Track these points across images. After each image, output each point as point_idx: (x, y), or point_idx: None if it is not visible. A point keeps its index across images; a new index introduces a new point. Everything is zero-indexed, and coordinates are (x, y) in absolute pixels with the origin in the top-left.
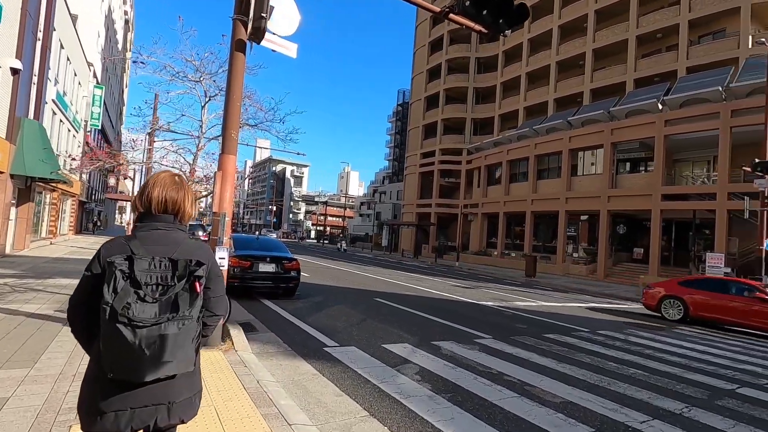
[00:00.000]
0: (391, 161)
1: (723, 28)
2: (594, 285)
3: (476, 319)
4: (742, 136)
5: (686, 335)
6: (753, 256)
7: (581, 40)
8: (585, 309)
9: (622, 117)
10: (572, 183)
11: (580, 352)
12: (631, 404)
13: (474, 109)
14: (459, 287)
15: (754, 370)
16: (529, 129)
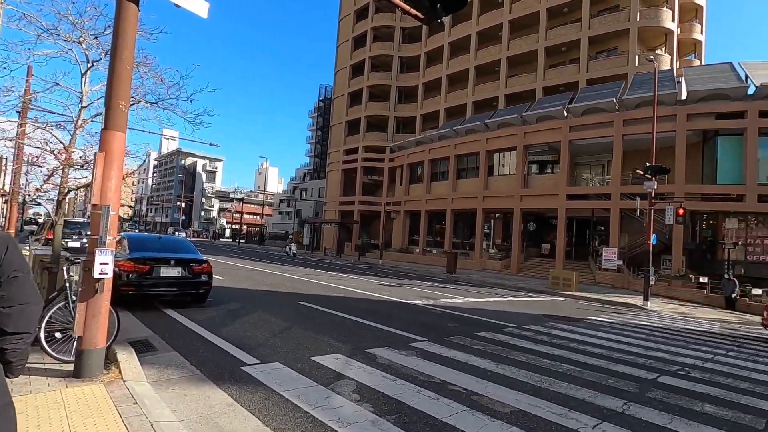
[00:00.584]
0: (312, 158)
1: (615, 47)
2: (509, 279)
3: (407, 320)
4: (633, 143)
5: (597, 325)
6: (639, 249)
7: (497, 47)
8: (505, 303)
9: (533, 122)
10: (489, 183)
11: (515, 350)
12: (577, 406)
13: (397, 108)
14: (385, 286)
15: (662, 357)
16: (449, 129)
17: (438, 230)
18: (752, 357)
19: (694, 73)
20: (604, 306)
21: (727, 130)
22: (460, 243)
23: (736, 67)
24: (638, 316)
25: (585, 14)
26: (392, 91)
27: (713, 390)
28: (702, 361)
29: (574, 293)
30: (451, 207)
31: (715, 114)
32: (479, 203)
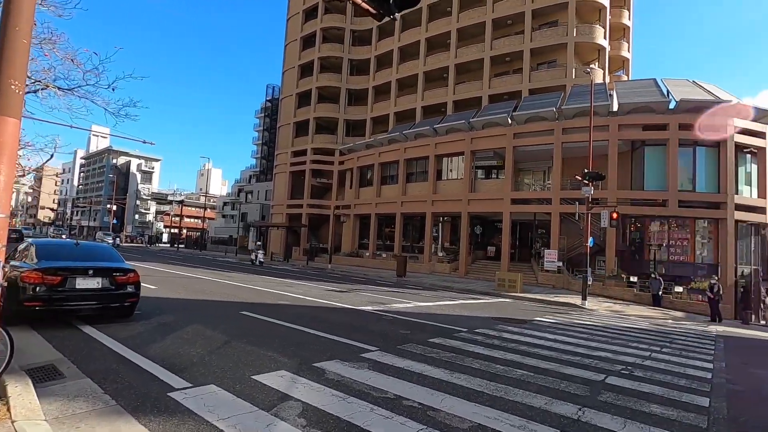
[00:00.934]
0: (259, 159)
1: (555, 60)
2: (457, 282)
3: (358, 327)
4: (571, 150)
5: (543, 326)
6: (577, 251)
7: (445, 54)
8: (455, 306)
9: (480, 128)
10: (438, 186)
11: (468, 357)
12: (534, 416)
13: (347, 110)
14: (334, 291)
15: (606, 356)
16: (399, 133)
17: (388, 234)
18: (683, 352)
19: (623, 87)
20: (547, 306)
21: (652, 141)
22: (410, 246)
23: (659, 83)
24: (579, 316)
25: (527, 27)
26: (342, 93)
27: (656, 389)
28: (642, 359)
29: (519, 294)
30: (401, 210)
31: (642, 125)
32: (428, 207)
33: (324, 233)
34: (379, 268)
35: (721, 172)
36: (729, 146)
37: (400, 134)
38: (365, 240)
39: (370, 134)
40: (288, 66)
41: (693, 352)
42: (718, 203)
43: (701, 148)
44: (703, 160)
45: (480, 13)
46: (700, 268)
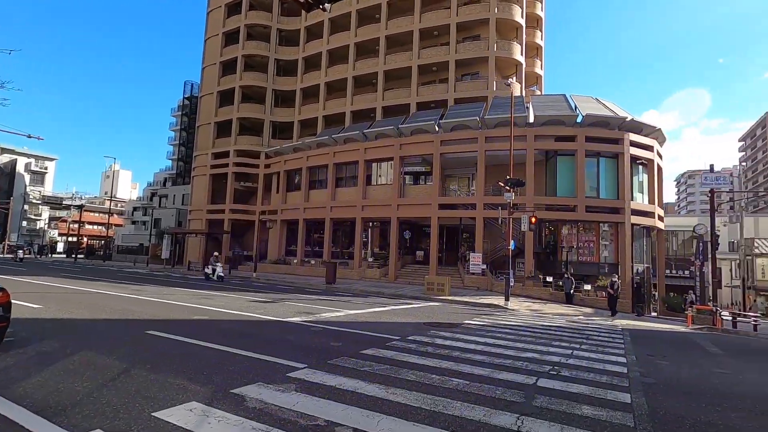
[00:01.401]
0: (175, 161)
1: (477, 72)
2: (387, 287)
3: (284, 342)
4: (493, 158)
5: (473, 329)
6: (499, 254)
7: (375, 60)
8: (386, 312)
9: (408, 134)
10: (367, 192)
11: (403, 368)
12: (475, 431)
13: (273, 112)
14: (259, 302)
15: (534, 357)
16: (328, 137)
17: (317, 240)
18: (599, 348)
19: (538, 100)
20: (474, 308)
21: (563, 151)
22: (340, 252)
23: (568, 98)
24: (504, 317)
25: (452, 39)
26: (268, 93)
27: (584, 388)
28: (565, 358)
29: (448, 297)
30: (331, 216)
31: (554, 137)
32: (358, 212)
33: (248, 240)
34: (308, 275)
35: (620, 180)
36: (625, 158)
37: (330, 138)
38: (293, 246)
39: (298, 137)
40: (209, 62)
41: (607, 347)
42: (617, 208)
43: (603, 158)
44: (605, 170)
45: (408, 22)
46: (604, 267)
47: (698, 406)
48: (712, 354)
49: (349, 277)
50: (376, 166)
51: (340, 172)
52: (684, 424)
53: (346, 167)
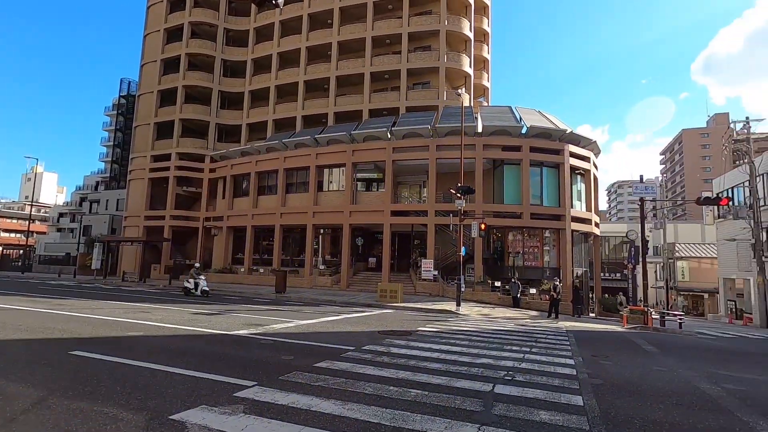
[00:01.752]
0: (109, 163)
1: (428, 81)
2: (340, 295)
3: (232, 358)
4: (444, 166)
5: (428, 336)
6: (450, 260)
7: (327, 65)
8: (340, 322)
9: (361, 140)
10: (319, 198)
11: (360, 381)
12: None
13: (220, 114)
14: (203, 315)
15: (489, 363)
16: (278, 142)
17: (266, 247)
18: (548, 350)
19: (486, 111)
20: (427, 314)
21: (510, 160)
22: (290, 260)
23: (513, 110)
24: (456, 322)
25: (404, 48)
26: (214, 95)
27: (539, 393)
28: (518, 362)
29: (400, 304)
30: (280, 222)
31: (501, 146)
32: (309, 219)
33: (192, 248)
34: (257, 284)
35: (561, 189)
36: (565, 168)
37: (280, 143)
38: (240, 255)
39: (246, 141)
40: (148, 59)
41: (555, 349)
42: (559, 216)
43: (546, 168)
44: (547, 179)
45: (360, 29)
46: (547, 271)
47: (644, 405)
48: (648, 352)
49: (299, 285)
50: (328, 172)
51: (290, 177)
52: (634, 424)
53: (296, 173)
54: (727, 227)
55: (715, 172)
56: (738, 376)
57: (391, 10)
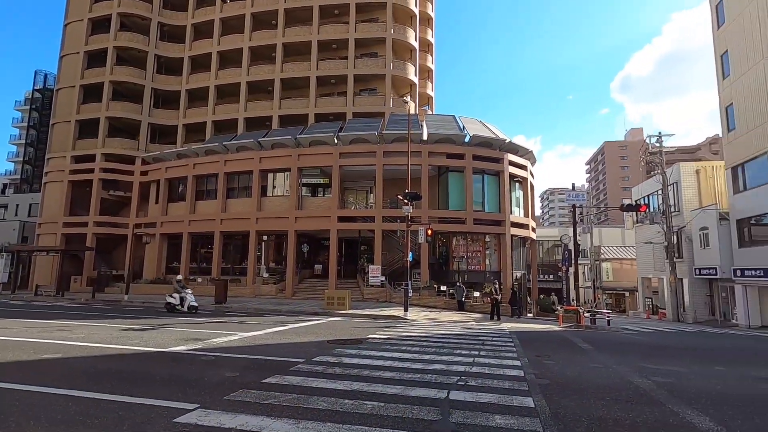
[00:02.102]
0: (20, 163)
1: (375, 88)
2: (285, 304)
3: (169, 378)
4: (391, 172)
5: (378, 343)
6: (397, 265)
7: (270, 67)
8: (287, 332)
9: (307, 145)
10: (263, 203)
11: (312, 395)
12: None
13: (153, 113)
14: (133, 330)
15: (441, 369)
16: (218, 144)
17: (204, 255)
18: (495, 353)
19: (431, 119)
20: (376, 321)
21: (454, 168)
22: (230, 268)
23: (457, 119)
24: (405, 328)
25: (351, 54)
26: (147, 92)
27: (492, 397)
28: (469, 366)
29: (348, 311)
30: (221, 229)
31: (446, 154)
32: (252, 225)
33: (119, 257)
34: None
35: (501, 196)
36: (505, 176)
37: (220, 145)
38: (175, 263)
39: (183, 142)
40: (69, 50)
41: (502, 350)
42: (499, 221)
43: (487, 175)
44: (489, 186)
45: (306, 32)
46: (489, 274)
47: (588, 402)
48: (584, 350)
49: (241, 294)
50: (272, 177)
51: (232, 182)
52: (582, 423)
53: (238, 177)
54: (644, 231)
55: (632, 181)
56: (663, 369)
57: (338, 15)
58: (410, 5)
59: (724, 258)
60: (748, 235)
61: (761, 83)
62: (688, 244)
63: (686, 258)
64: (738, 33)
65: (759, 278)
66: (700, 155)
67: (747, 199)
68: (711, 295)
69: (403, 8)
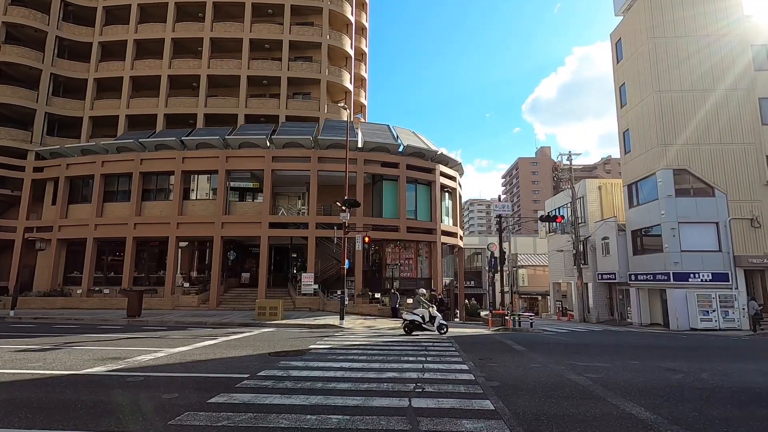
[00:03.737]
0: None
1: (309, 92)
2: (210, 315)
3: (92, 405)
4: (326, 178)
5: (323, 354)
6: (330, 273)
7: (196, 61)
8: (220, 346)
9: (236, 147)
10: (185, 207)
11: (271, 414)
12: None
13: (52, 102)
14: (32, 351)
15: (394, 377)
16: (133, 141)
17: (112, 264)
18: (442, 358)
19: (366, 127)
20: (313, 331)
21: (388, 176)
22: (145, 278)
23: (391, 128)
24: (345, 337)
25: (285, 56)
26: (45, 77)
27: (453, 402)
28: (421, 373)
29: (282, 322)
30: (134, 234)
31: (381, 162)
32: (172, 230)
33: (3, 266)
34: (100, 308)
35: (432, 205)
36: (436, 186)
37: (136, 142)
38: (76, 273)
39: (89, 137)
40: None
41: (447, 356)
42: (431, 229)
43: (420, 185)
44: (421, 195)
45: (237, 28)
46: (422, 280)
47: (540, 401)
48: (519, 351)
49: (159, 307)
50: (197, 179)
51: (148, 183)
52: (542, 421)
53: (157, 178)
54: (556, 240)
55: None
56: (591, 366)
57: (272, 15)
58: (346, 13)
59: (621, 264)
60: (640, 244)
61: (651, 113)
62: (593, 252)
63: (591, 264)
64: (633, 69)
65: (648, 281)
66: (596, 173)
67: (640, 213)
68: (610, 297)
69: (339, 15)
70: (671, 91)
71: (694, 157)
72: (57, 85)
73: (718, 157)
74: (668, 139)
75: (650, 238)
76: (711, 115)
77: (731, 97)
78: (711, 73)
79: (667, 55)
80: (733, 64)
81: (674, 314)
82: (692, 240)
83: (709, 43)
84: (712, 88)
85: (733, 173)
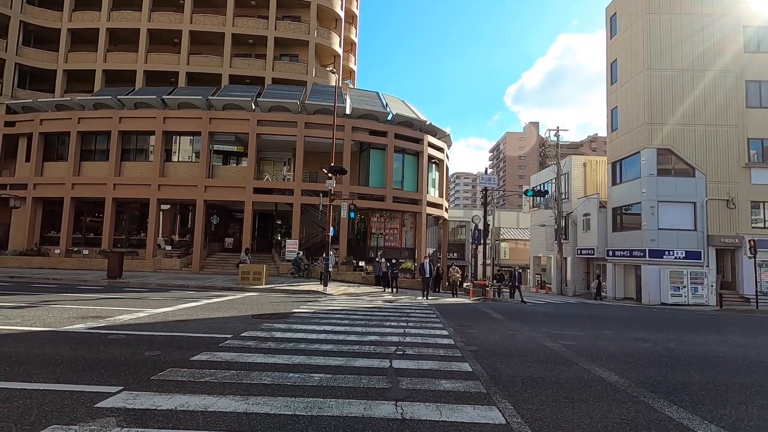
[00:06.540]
0: None
1: (297, 55)
2: (192, 279)
3: (74, 360)
4: (313, 144)
5: (306, 317)
6: (314, 240)
7: (178, 15)
8: (202, 308)
9: (220, 108)
10: (167, 169)
11: (253, 371)
12: (363, 428)
13: (23, 52)
14: (10, 309)
15: (377, 340)
16: (112, 98)
17: (91, 224)
18: (422, 324)
19: (354, 94)
20: (296, 296)
21: (376, 145)
22: (126, 240)
23: (380, 96)
24: (328, 302)
25: (272, 13)
26: (14, 25)
27: (432, 364)
28: (402, 336)
29: (265, 286)
30: (114, 195)
31: (369, 130)
32: (153, 192)
33: None
34: (79, 268)
35: (419, 176)
36: (424, 156)
37: (114, 99)
38: (54, 233)
39: (63, 91)
40: None
41: (428, 321)
42: (417, 200)
43: (407, 155)
44: (408, 165)
45: None
46: (406, 250)
47: (516, 364)
48: (498, 320)
49: (140, 269)
50: (179, 140)
51: (127, 142)
52: (517, 382)
53: (136, 137)
54: (539, 215)
55: (527, 170)
56: (566, 334)
57: None
58: None
59: (600, 240)
60: (620, 222)
61: (639, 92)
62: (574, 227)
63: (571, 239)
64: (626, 45)
65: (625, 257)
66: (582, 151)
67: (621, 190)
68: (587, 272)
69: None
70: (662, 70)
71: (678, 138)
72: (27, 33)
73: (702, 139)
74: (655, 119)
75: (630, 216)
76: (700, 96)
77: (721, 79)
78: (703, 54)
79: (660, 33)
80: (727, 46)
81: (647, 289)
82: (670, 219)
83: (703, 23)
84: (704, 69)
85: (714, 154)
